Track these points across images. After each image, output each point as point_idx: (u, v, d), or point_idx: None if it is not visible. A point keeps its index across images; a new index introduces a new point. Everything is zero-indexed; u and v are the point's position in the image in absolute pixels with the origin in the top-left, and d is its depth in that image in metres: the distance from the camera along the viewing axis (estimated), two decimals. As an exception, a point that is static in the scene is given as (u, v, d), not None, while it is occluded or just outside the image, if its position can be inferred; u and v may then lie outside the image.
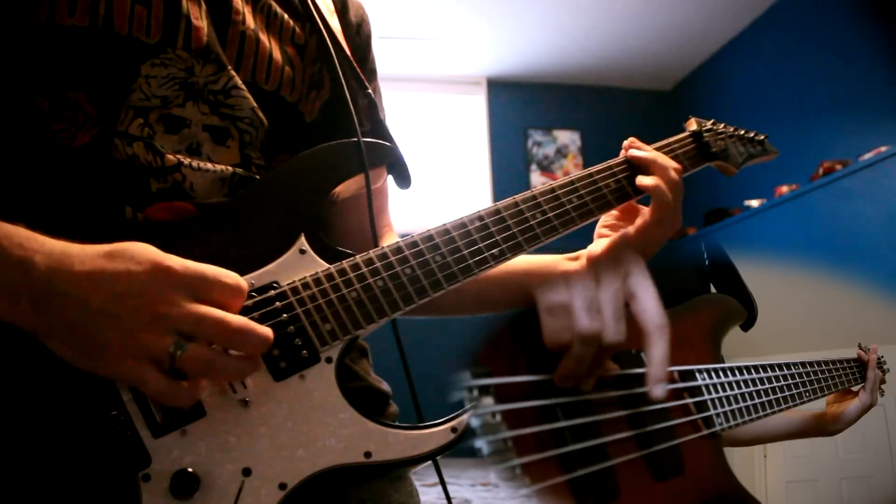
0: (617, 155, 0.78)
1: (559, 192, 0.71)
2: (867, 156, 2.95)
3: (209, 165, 0.66)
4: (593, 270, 0.68)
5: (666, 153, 0.79)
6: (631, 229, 0.75)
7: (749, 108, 4.25)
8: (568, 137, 5.06)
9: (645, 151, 0.75)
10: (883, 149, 2.89)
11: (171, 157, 0.63)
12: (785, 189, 3.41)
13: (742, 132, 0.91)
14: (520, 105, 5.05)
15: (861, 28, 3.45)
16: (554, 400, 0.65)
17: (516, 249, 0.67)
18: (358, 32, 0.86)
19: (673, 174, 0.73)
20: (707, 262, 0.92)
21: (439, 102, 5.00)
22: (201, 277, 0.52)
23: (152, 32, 0.63)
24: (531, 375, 0.66)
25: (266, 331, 0.53)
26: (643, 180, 0.72)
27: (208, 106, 0.67)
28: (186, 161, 0.64)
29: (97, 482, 0.52)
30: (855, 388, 1.30)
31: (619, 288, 0.66)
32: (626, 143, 0.77)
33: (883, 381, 1.40)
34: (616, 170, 0.74)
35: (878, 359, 1.41)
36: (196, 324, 0.50)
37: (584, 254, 0.76)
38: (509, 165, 4.92)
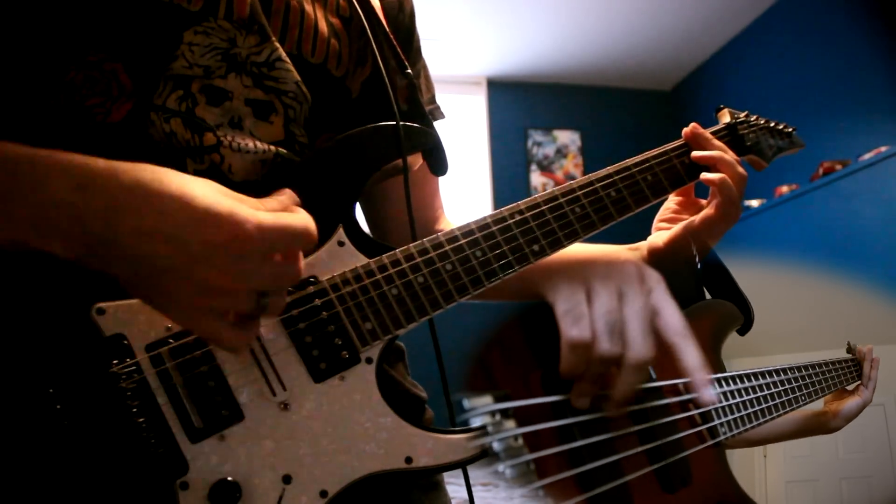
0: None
1: (597, 185, 0.69)
2: (867, 156, 2.95)
3: (250, 145, 0.63)
4: (655, 264, 0.68)
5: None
6: (696, 219, 0.76)
7: (749, 107, 4.21)
8: (568, 137, 5.05)
9: (708, 151, 0.76)
10: (883, 149, 2.88)
11: (210, 135, 0.61)
12: (785, 189, 3.41)
13: (772, 124, 0.90)
14: (520, 105, 5.04)
15: (861, 28, 3.44)
16: (572, 419, 0.65)
17: (556, 245, 0.66)
18: (401, 9, 0.83)
19: (740, 169, 0.74)
20: (700, 267, 0.93)
21: (439, 102, 4.99)
22: (279, 237, 0.48)
23: (194, 0, 0.61)
24: (548, 397, 0.65)
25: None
26: (708, 175, 0.74)
27: (251, 78, 0.64)
28: (227, 140, 0.62)
29: (135, 490, 0.50)
30: (850, 388, 1.31)
31: (644, 305, 0.62)
32: (686, 130, 0.78)
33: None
34: (653, 162, 0.74)
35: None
36: (273, 282, 0.48)
37: (644, 245, 0.76)
38: (509, 165, 4.91)
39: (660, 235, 0.77)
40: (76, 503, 0.50)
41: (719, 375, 0.84)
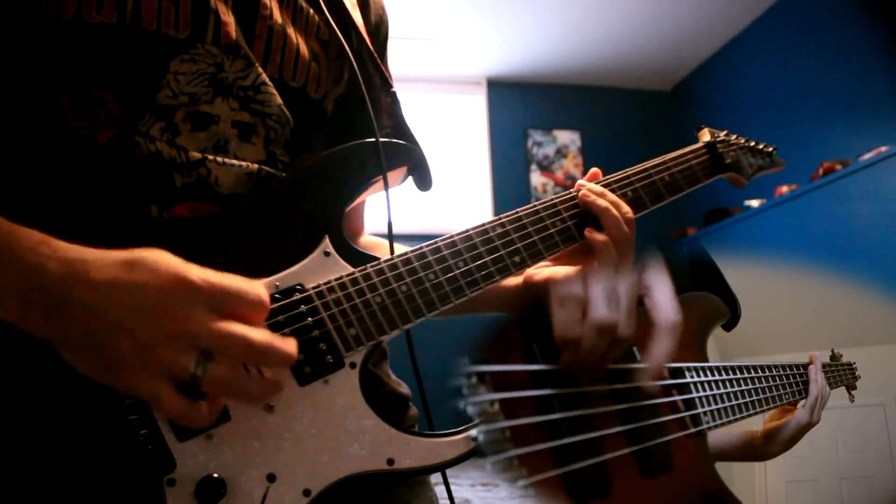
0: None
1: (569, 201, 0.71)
2: (867, 156, 2.95)
3: (234, 161, 0.65)
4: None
5: (680, 164, 0.80)
6: (557, 273, 0.71)
7: (749, 108, 4.24)
8: (568, 137, 5.06)
9: (598, 199, 0.70)
10: (883, 149, 2.89)
11: (195, 153, 0.62)
12: (785, 189, 3.41)
13: (752, 143, 0.92)
14: (520, 105, 5.05)
15: (861, 28, 3.45)
16: (552, 391, 0.65)
17: (537, 257, 0.67)
18: (376, 33, 0.84)
19: (624, 228, 0.69)
20: (691, 264, 0.93)
21: (439, 102, 5.00)
22: (223, 291, 0.49)
23: (181, 27, 0.62)
24: (529, 365, 0.66)
25: (290, 346, 0.50)
26: (594, 236, 0.69)
27: (238, 101, 0.66)
28: (211, 156, 0.63)
29: (122, 486, 0.51)
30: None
31: (634, 281, 0.66)
32: (578, 184, 0.73)
33: (853, 388, 1.33)
34: (562, 207, 0.71)
35: (847, 365, 1.33)
36: (218, 340, 0.47)
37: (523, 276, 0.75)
38: (509, 165, 4.92)
39: (541, 271, 0.74)
40: (66, 498, 0.50)
41: (705, 365, 0.85)
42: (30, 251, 0.47)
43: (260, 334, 0.49)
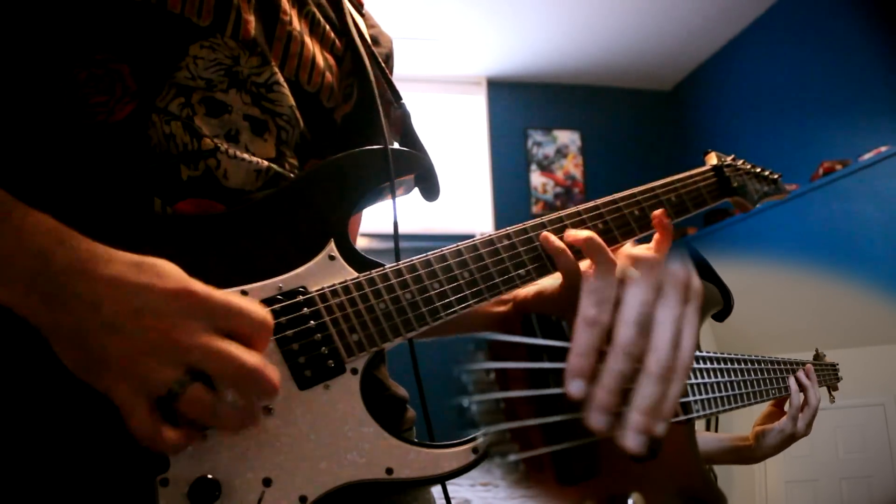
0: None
1: (585, 215, 0.71)
2: (867, 156, 2.95)
3: (245, 155, 0.65)
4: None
5: (688, 185, 0.80)
6: (530, 292, 0.75)
7: (749, 108, 4.24)
8: (568, 137, 5.05)
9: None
10: (883, 149, 2.88)
11: (208, 140, 0.62)
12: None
13: (758, 169, 0.93)
14: (520, 105, 5.04)
15: (861, 28, 3.44)
16: (546, 364, 0.65)
17: (543, 271, 0.67)
18: (385, 63, 0.86)
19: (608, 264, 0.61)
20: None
21: (439, 102, 4.99)
22: (225, 307, 0.48)
23: (203, 15, 0.64)
24: (527, 338, 0.66)
25: (276, 376, 0.48)
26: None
27: (250, 96, 0.67)
28: (224, 147, 0.63)
29: (114, 485, 0.50)
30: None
31: (679, 315, 0.55)
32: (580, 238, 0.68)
33: (834, 388, 1.32)
34: (569, 223, 0.70)
35: (831, 366, 1.29)
36: (208, 356, 0.46)
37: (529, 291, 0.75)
38: (509, 165, 4.91)
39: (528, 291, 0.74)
40: (58, 497, 0.50)
41: (697, 354, 0.85)
42: (41, 237, 0.48)
43: (253, 357, 0.47)
